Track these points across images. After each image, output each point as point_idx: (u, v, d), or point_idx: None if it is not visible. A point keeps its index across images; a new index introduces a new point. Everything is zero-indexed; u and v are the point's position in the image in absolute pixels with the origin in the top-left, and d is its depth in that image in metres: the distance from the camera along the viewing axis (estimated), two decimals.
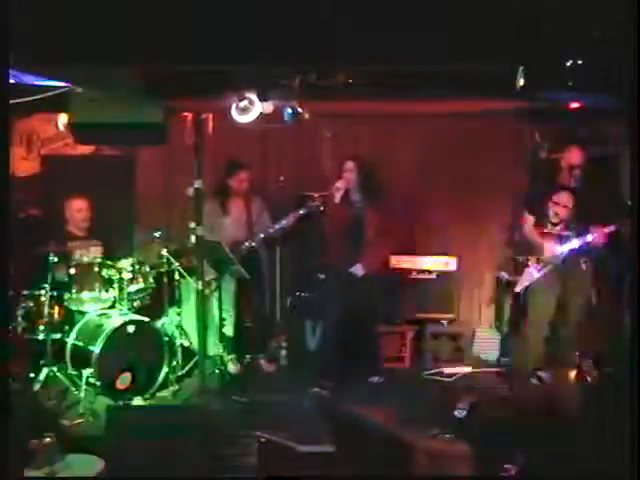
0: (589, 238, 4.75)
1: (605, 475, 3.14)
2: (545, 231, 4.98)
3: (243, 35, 3.31)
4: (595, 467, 3.21)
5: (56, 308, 4.90)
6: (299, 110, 4.57)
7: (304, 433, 3.92)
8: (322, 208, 5.01)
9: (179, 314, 5.15)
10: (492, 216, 6.00)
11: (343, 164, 5.01)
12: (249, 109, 4.42)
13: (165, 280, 5.08)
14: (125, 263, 4.98)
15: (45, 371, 4.71)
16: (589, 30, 3.21)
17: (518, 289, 5.08)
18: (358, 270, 4.96)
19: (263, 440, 3.78)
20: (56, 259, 4.77)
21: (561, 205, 4.89)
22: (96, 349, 4.59)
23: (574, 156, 4.96)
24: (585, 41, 3.34)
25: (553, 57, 3.60)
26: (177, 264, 5.07)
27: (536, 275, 4.95)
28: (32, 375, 4.78)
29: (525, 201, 5.25)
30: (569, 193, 4.89)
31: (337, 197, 4.94)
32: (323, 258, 5.15)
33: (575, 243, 4.80)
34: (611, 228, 4.73)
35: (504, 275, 5.40)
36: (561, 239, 4.90)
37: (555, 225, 4.95)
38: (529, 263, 4.98)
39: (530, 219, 5.08)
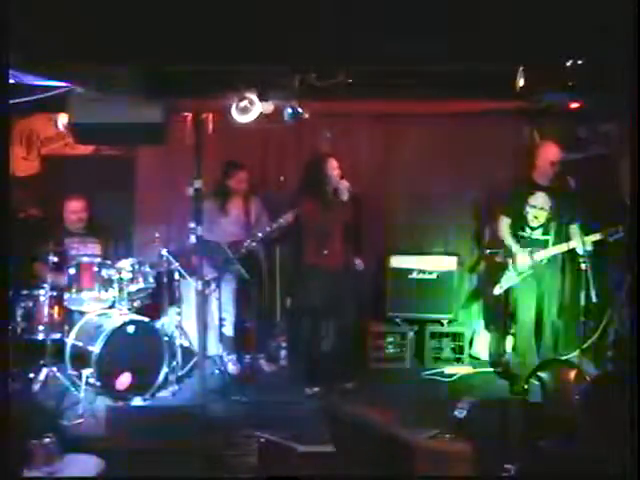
0: (570, 245, 4.69)
1: (607, 474, 3.14)
2: (524, 234, 4.94)
3: (243, 35, 3.31)
4: (596, 467, 3.21)
5: (56, 308, 4.90)
6: (299, 110, 4.57)
7: (304, 433, 3.93)
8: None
9: (179, 314, 5.15)
10: (492, 216, 6.00)
11: (328, 163, 4.92)
12: (249, 109, 4.41)
13: (165, 280, 5.09)
14: (125, 263, 4.98)
15: (45, 371, 4.72)
16: (589, 30, 3.21)
17: (499, 291, 5.06)
18: (359, 265, 5.01)
19: (263, 440, 3.79)
20: (56, 259, 4.77)
21: (538, 208, 4.84)
22: (96, 349, 4.59)
23: (551, 151, 4.87)
24: (585, 41, 3.34)
25: (553, 57, 3.60)
26: (177, 264, 5.07)
27: (515, 278, 4.92)
28: (32, 375, 4.78)
29: (502, 203, 5.16)
30: (546, 195, 4.84)
31: (345, 196, 4.89)
32: (319, 256, 5.05)
33: (551, 251, 4.75)
34: (596, 237, 4.62)
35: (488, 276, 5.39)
36: (539, 244, 4.85)
37: (534, 229, 4.90)
38: (508, 265, 4.96)
39: (505, 221, 5.01)
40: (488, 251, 5.38)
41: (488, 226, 5.71)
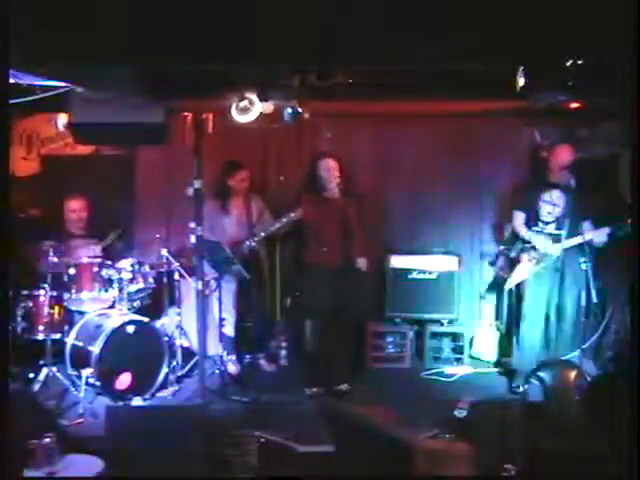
0: (583, 239, 4.72)
1: (607, 473, 3.14)
2: (537, 229, 4.99)
3: (243, 35, 3.31)
4: (596, 467, 3.21)
5: (56, 308, 4.90)
6: (299, 110, 4.57)
7: (304, 433, 3.93)
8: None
9: (179, 314, 5.15)
10: (492, 216, 6.00)
11: (322, 162, 4.95)
12: (249, 109, 4.41)
13: (165, 280, 5.09)
14: (125, 263, 4.99)
15: (45, 371, 4.72)
16: (589, 30, 3.21)
17: (509, 287, 5.07)
18: (363, 264, 4.97)
19: (263, 440, 3.79)
20: (56, 259, 4.77)
21: (551, 204, 4.89)
22: (96, 349, 4.59)
23: (564, 155, 4.98)
24: (585, 41, 3.34)
25: (553, 57, 3.60)
26: (177, 264, 5.07)
27: (528, 273, 4.95)
28: (32, 375, 4.78)
29: (515, 198, 5.24)
30: (560, 191, 4.89)
31: (336, 194, 4.90)
32: (318, 256, 5.04)
33: (567, 243, 4.78)
34: (605, 230, 4.70)
35: (501, 273, 5.39)
36: (553, 238, 4.88)
37: (547, 224, 4.95)
38: (521, 261, 4.99)
39: (520, 216, 5.07)
40: (502, 247, 5.36)
41: (503, 223, 5.70)
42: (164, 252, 5.03)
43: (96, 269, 4.91)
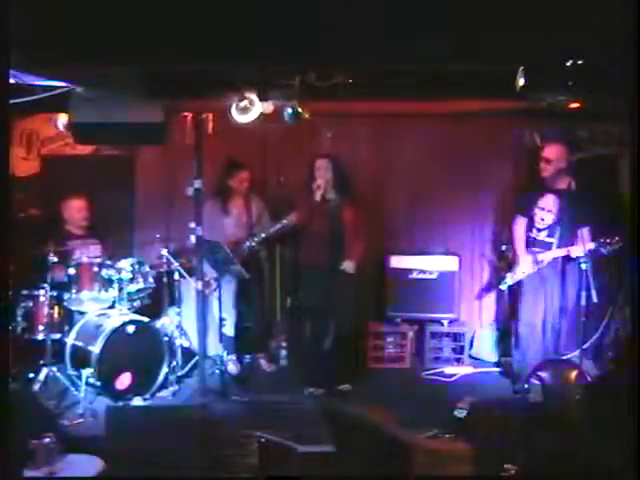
0: (569, 251, 4.70)
1: (607, 474, 3.14)
2: (531, 235, 4.96)
3: (243, 35, 3.31)
4: (596, 467, 3.21)
5: (56, 308, 4.90)
6: (299, 110, 4.57)
7: (304, 433, 3.92)
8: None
9: (179, 314, 5.15)
10: (492, 216, 6.00)
11: (315, 162, 4.98)
12: (249, 109, 4.41)
13: (165, 280, 5.09)
14: (125, 263, 4.99)
15: (45, 371, 4.72)
16: (589, 30, 3.21)
17: (503, 287, 5.07)
18: (349, 267, 4.92)
19: (263, 440, 3.78)
20: (56, 259, 4.77)
21: (546, 210, 4.85)
22: (96, 349, 4.59)
23: (552, 153, 4.91)
24: (585, 41, 3.34)
25: (553, 57, 3.60)
26: (177, 264, 5.07)
27: (521, 275, 4.93)
28: (32, 375, 4.78)
29: (517, 203, 5.21)
30: (554, 197, 4.84)
31: (318, 195, 4.91)
32: (306, 256, 5.05)
33: (557, 252, 4.77)
34: (588, 246, 4.63)
35: (499, 273, 5.39)
36: (544, 246, 4.86)
37: (540, 230, 4.91)
38: (517, 262, 4.97)
39: (522, 221, 5.03)
40: (504, 247, 5.35)
41: (503, 223, 5.69)
42: (164, 252, 5.04)
43: (96, 269, 4.91)
